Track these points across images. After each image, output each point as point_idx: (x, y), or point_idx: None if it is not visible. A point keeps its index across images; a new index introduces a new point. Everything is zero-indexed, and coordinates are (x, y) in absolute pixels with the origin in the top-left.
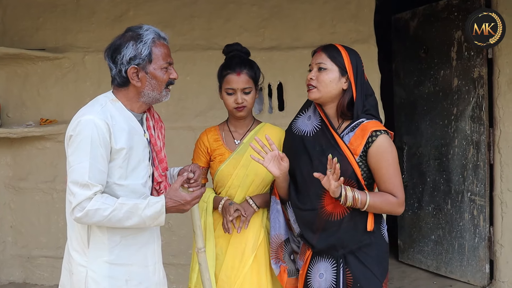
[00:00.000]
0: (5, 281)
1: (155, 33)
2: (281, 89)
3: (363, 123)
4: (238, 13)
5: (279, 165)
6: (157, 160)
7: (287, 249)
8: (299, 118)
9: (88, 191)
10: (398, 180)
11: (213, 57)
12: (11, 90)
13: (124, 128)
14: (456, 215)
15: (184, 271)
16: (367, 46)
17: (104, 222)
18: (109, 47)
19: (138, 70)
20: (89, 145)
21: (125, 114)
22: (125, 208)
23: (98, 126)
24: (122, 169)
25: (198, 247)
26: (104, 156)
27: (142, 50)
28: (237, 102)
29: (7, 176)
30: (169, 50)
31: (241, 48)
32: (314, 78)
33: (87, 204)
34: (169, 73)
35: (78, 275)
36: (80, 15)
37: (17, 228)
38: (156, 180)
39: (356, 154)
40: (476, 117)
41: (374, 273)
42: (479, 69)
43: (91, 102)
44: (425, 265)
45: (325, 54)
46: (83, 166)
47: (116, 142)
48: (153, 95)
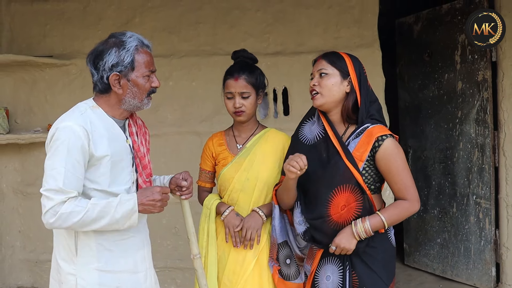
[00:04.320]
0: (14, 285)
1: (139, 40)
2: (286, 94)
3: (368, 129)
4: (242, 19)
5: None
6: (141, 166)
7: (282, 251)
8: (305, 124)
9: (62, 195)
10: (409, 180)
11: (218, 63)
12: (19, 96)
13: (104, 134)
14: (461, 218)
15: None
16: (371, 50)
17: (78, 225)
18: (92, 53)
19: (120, 77)
20: (65, 151)
21: (106, 120)
22: (98, 207)
23: (75, 132)
24: (105, 176)
25: (193, 253)
26: (81, 163)
27: (124, 57)
28: (235, 107)
29: (16, 182)
30: (152, 58)
31: (247, 55)
32: (317, 84)
33: (59, 208)
34: (151, 81)
35: (67, 284)
36: (87, 22)
37: (25, 232)
38: (140, 186)
39: (362, 160)
40: (480, 120)
41: (380, 277)
42: (483, 72)
43: (71, 109)
44: (431, 268)
45: (325, 61)
46: (58, 172)
47: (96, 149)
48: (134, 102)
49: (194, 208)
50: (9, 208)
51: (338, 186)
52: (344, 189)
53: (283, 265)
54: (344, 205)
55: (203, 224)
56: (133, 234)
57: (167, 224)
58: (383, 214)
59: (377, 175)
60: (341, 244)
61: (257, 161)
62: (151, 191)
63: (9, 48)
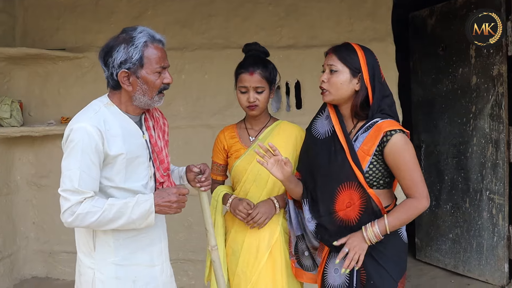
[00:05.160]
0: (28, 275)
1: (149, 36)
2: (298, 87)
3: (377, 123)
4: (255, 12)
5: (282, 169)
6: (158, 161)
7: (300, 244)
8: (318, 119)
9: (78, 196)
10: (418, 176)
11: (230, 56)
12: (33, 89)
13: (118, 133)
14: (474, 214)
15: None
16: (384, 44)
17: (95, 224)
18: (103, 49)
19: (129, 74)
20: (79, 153)
21: (120, 118)
22: (115, 208)
23: (89, 133)
24: (121, 173)
25: (211, 244)
26: (96, 163)
27: (133, 54)
28: (249, 101)
29: (29, 174)
30: (164, 53)
31: (259, 48)
32: (326, 80)
33: (77, 208)
34: (163, 77)
35: (86, 276)
36: (99, 15)
37: (39, 224)
38: (158, 180)
39: (369, 155)
40: (495, 115)
41: (389, 272)
42: (498, 66)
43: (85, 108)
44: (442, 263)
45: (335, 56)
46: (74, 173)
47: (110, 148)
48: (144, 100)
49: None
50: (23, 200)
51: (343, 183)
52: (349, 186)
53: (302, 257)
54: (349, 202)
55: (212, 216)
56: (151, 229)
57: (180, 217)
58: (388, 217)
59: (386, 170)
60: (353, 246)
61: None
62: (167, 192)
63: (23, 41)
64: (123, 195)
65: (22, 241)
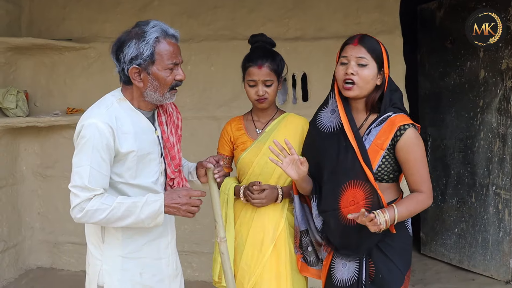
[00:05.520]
0: (33, 265)
1: (161, 31)
2: (305, 79)
3: (391, 117)
4: (262, 3)
5: (297, 169)
6: (170, 157)
7: (304, 239)
8: (323, 111)
9: (88, 193)
10: (425, 172)
11: (237, 47)
12: (39, 79)
13: (130, 130)
14: (480, 209)
15: (207, 259)
16: (392, 37)
17: (103, 221)
18: (115, 43)
19: (140, 70)
20: (90, 149)
21: (132, 114)
22: (124, 207)
23: (100, 130)
24: (131, 170)
25: (220, 236)
26: (106, 160)
27: (144, 50)
28: (258, 94)
29: (35, 164)
30: (177, 49)
31: (265, 39)
32: (355, 73)
33: (86, 204)
34: (175, 74)
35: (93, 267)
36: (106, 5)
37: (44, 214)
38: (169, 176)
39: (383, 149)
40: (503, 110)
41: (397, 265)
42: (507, 60)
43: (98, 103)
44: (447, 258)
45: (364, 48)
46: (84, 170)
47: (121, 145)
48: (155, 96)
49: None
50: (28, 190)
51: (350, 180)
52: (354, 184)
53: (305, 252)
54: (353, 201)
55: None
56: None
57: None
58: (398, 207)
59: (396, 164)
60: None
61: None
62: (178, 194)
63: (29, 31)
64: (134, 191)
65: (27, 232)
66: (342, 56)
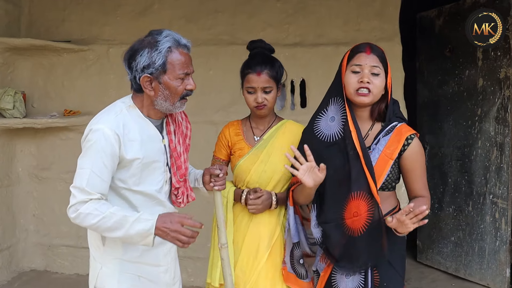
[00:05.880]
0: (27, 268)
1: (174, 40)
2: (303, 85)
3: (397, 127)
4: (262, 8)
5: (315, 176)
6: (175, 166)
7: (296, 251)
8: (321, 119)
9: (84, 195)
10: (426, 180)
11: (236, 52)
12: (36, 81)
13: (137, 137)
14: (477, 217)
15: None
16: (391, 44)
17: (94, 228)
18: (127, 51)
19: (152, 79)
20: (93, 153)
21: (141, 121)
22: (115, 218)
23: (106, 137)
24: (135, 176)
25: (221, 242)
26: (108, 166)
27: (156, 59)
28: (257, 102)
29: (31, 165)
30: (189, 59)
31: (264, 45)
32: (371, 82)
33: (80, 207)
34: (186, 84)
35: (93, 269)
36: (106, 8)
37: (39, 216)
38: (174, 185)
39: (392, 158)
40: (501, 119)
41: (397, 270)
42: (505, 69)
43: (108, 108)
44: (443, 266)
45: (377, 57)
46: (85, 173)
47: (127, 152)
48: (165, 105)
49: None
50: (24, 192)
51: (354, 192)
52: (358, 195)
53: (297, 264)
54: (356, 212)
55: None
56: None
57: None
58: None
59: (399, 173)
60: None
61: (275, 154)
62: (171, 218)
63: (28, 32)
64: (136, 197)
65: (22, 234)
66: (355, 65)
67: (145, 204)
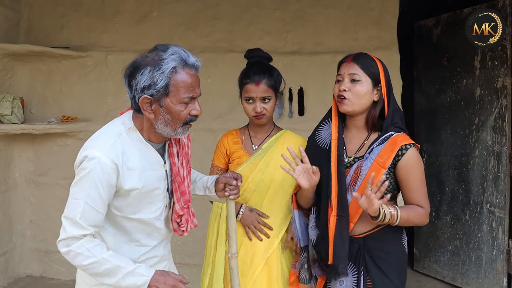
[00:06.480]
0: (23, 274)
1: (180, 59)
2: (301, 94)
3: (393, 137)
4: (260, 16)
5: (310, 178)
6: (179, 192)
7: (302, 255)
8: (323, 127)
9: (77, 230)
10: (425, 191)
11: (234, 60)
12: (35, 86)
13: (137, 165)
14: (474, 226)
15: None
16: (389, 53)
17: (82, 269)
18: (128, 67)
19: (152, 101)
20: (88, 184)
21: (141, 146)
22: (107, 265)
23: (103, 166)
24: (133, 205)
25: (232, 251)
26: (103, 197)
27: (158, 80)
28: (256, 111)
29: (28, 171)
30: (196, 80)
31: (262, 54)
32: (347, 89)
33: (73, 243)
34: (190, 108)
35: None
36: (105, 15)
37: (36, 222)
38: (177, 213)
39: (384, 167)
40: (498, 128)
41: (393, 282)
42: (503, 79)
43: (106, 129)
44: (440, 275)
45: (358, 65)
46: (78, 204)
47: (125, 182)
48: (166, 130)
49: (205, 205)
50: (21, 197)
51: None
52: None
53: (301, 269)
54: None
55: (213, 223)
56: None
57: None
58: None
59: (396, 183)
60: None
61: (273, 163)
62: (165, 279)
63: (27, 38)
64: (132, 224)
65: (18, 239)
66: (338, 74)
67: (140, 230)
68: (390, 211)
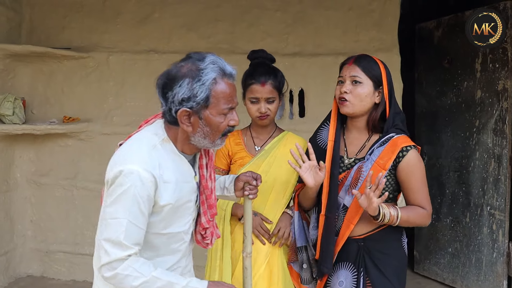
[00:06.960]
0: (24, 273)
1: (219, 70)
2: (302, 95)
3: (393, 138)
4: (262, 18)
5: (315, 176)
6: (206, 205)
7: (300, 255)
8: (324, 129)
9: (121, 251)
10: (426, 193)
11: (236, 61)
12: (36, 87)
13: (172, 178)
14: (474, 229)
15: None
16: (390, 55)
17: None
18: (161, 78)
19: (191, 113)
20: (129, 200)
21: (175, 158)
22: (159, 283)
23: (143, 180)
24: (165, 220)
25: (247, 251)
26: (145, 213)
27: (198, 92)
28: (261, 112)
29: (29, 171)
30: (234, 90)
31: (266, 55)
32: (348, 91)
33: (118, 265)
34: (229, 119)
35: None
36: (106, 16)
37: (36, 222)
38: (203, 225)
39: (385, 169)
40: (498, 130)
41: (393, 283)
42: (503, 81)
43: (138, 141)
44: (440, 277)
45: (359, 68)
46: (120, 224)
47: (161, 196)
48: (204, 142)
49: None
50: (22, 198)
51: None
52: None
53: (300, 269)
54: None
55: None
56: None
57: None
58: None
59: (397, 185)
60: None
61: (275, 164)
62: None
63: (28, 39)
64: (162, 240)
65: (19, 239)
66: (339, 76)
67: (166, 243)
68: (390, 211)
